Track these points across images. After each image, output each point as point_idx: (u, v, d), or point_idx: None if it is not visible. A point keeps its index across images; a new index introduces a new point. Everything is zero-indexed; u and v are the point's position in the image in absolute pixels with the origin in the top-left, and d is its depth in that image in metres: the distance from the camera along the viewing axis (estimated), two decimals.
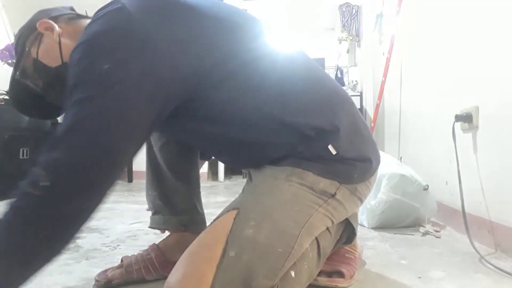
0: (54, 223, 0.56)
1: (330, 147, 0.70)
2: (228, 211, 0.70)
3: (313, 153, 0.71)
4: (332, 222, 0.74)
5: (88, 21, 0.70)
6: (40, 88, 0.77)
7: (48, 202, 0.55)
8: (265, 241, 0.64)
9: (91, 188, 0.58)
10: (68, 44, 0.74)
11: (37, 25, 0.75)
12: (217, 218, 0.71)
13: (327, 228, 0.75)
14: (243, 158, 0.80)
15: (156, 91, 0.61)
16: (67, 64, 0.73)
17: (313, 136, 0.70)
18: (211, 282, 0.60)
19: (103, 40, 0.60)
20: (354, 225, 0.85)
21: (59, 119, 0.71)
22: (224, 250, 0.63)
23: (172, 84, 0.63)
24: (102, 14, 0.63)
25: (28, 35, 0.77)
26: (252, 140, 0.72)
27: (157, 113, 0.63)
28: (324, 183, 0.71)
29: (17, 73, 0.78)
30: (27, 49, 0.76)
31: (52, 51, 0.75)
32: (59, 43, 0.74)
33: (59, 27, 0.76)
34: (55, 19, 0.77)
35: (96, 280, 0.89)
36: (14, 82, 0.79)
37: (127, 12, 0.61)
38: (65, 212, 0.56)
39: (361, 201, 0.80)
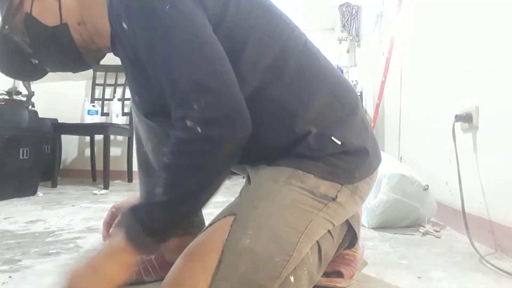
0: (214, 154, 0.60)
1: (333, 138, 0.69)
2: (225, 217, 0.67)
3: (318, 145, 0.69)
4: (333, 224, 0.72)
5: None
6: (28, 46, 0.71)
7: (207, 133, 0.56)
8: (262, 251, 0.61)
9: (229, 100, 0.58)
10: (70, 4, 0.70)
11: None
12: (213, 222, 0.69)
13: (329, 232, 0.73)
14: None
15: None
16: (67, 25, 0.70)
17: (319, 129, 0.69)
18: None
19: None
20: (356, 228, 0.83)
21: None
22: (220, 260, 0.61)
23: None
24: None
25: None
26: (259, 125, 0.67)
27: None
28: (325, 187, 0.69)
29: (6, 26, 0.70)
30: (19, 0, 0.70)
31: (50, 8, 0.69)
32: (59, 1, 0.70)
33: None
34: None
35: None
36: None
37: None
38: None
39: (362, 199, 0.78)
